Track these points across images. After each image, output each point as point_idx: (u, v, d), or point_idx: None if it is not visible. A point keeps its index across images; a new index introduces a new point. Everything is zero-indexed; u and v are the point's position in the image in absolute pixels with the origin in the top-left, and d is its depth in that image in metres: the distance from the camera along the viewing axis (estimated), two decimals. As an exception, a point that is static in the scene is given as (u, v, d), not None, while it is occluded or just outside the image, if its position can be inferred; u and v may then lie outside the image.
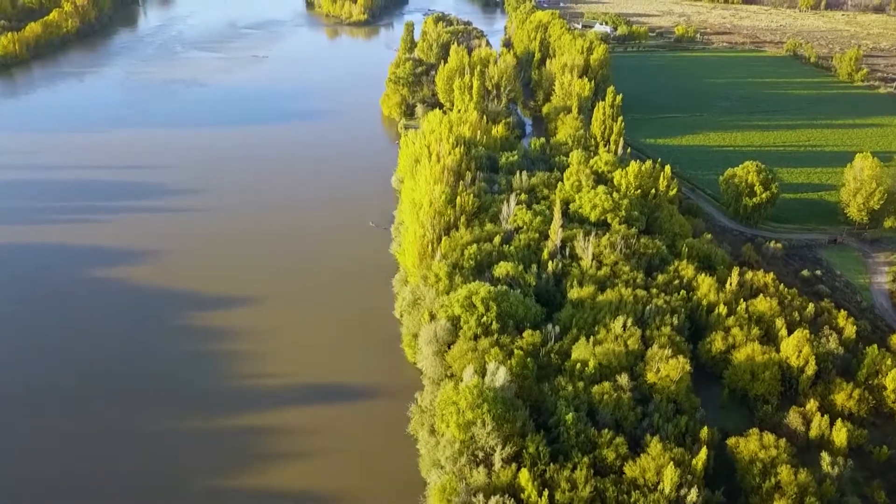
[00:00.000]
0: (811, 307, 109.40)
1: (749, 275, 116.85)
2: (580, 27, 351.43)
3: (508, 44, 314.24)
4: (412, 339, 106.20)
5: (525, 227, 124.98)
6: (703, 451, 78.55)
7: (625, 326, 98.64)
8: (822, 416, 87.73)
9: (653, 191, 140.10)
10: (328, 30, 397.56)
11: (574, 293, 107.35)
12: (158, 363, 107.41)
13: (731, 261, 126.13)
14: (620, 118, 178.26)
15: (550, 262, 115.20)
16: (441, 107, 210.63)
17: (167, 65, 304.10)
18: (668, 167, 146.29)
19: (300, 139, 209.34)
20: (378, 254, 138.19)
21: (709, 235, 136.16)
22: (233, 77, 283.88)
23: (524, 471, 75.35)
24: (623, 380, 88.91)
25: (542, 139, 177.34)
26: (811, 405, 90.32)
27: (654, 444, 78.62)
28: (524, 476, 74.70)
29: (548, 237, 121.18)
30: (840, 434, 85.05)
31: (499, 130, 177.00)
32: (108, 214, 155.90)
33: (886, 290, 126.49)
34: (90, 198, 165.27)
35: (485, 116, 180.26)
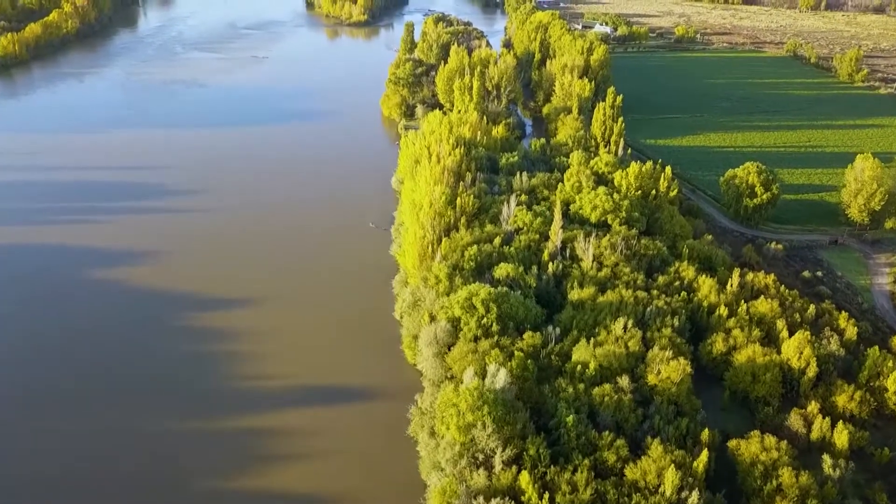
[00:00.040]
0: (812, 308, 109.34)
1: (750, 276, 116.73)
2: (580, 28, 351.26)
3: (508, 44, 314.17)
4: (412, 341, 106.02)
5: (525, 229, 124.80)
6: (704, 454, 78.34)
7: (625, 328, 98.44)
8: (824, 418, 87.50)
9: (653, 192, 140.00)
10: (328, 30, 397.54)
11: (574, 294, 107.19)
12: (158, 364, 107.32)
13: (732, 262, 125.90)
14: (621, 119, 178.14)
15: (551, 264, 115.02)
16: (441, 107, 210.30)
17: (167, 65, 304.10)
18: (669, 168, 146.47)
19: (300, 140, 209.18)
20: (378, 255, 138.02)
21: (709, 236, 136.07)
22: (233, 78, 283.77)
23: (524, 473, 75.21)
24: (624, 381, 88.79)
25: (543, 140, 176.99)
26: (812, 407, 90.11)
27: (655, 447, 78.46)
28: (525, 478, 74.56)
29: (548, 238, 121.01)
30: (841, 436, 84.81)
31: (499, 131, 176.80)
32: (108, 215, 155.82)
33: (887, 292, 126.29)
34: (90, 198, 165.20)
35: (485, 117, 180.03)
